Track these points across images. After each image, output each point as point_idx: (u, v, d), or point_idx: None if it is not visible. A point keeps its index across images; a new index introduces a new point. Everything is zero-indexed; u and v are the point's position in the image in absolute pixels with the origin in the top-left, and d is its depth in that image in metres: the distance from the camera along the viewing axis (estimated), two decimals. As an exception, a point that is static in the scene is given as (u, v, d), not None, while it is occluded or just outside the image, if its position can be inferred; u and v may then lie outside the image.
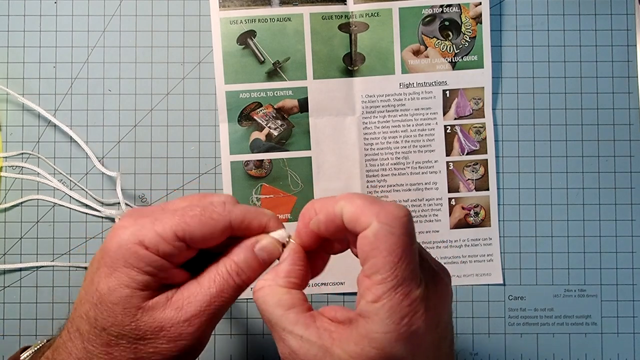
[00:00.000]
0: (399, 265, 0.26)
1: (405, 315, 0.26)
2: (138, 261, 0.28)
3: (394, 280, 0.26)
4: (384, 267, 0.26)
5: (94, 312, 0.29)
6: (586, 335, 0.49)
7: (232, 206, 0.31)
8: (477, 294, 0.49)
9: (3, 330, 0.48)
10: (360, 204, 0.27)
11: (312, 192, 0.49)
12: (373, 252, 0.26)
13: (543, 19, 0.50)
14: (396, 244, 0.26)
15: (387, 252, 0.26)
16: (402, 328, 0.26)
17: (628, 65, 0.50)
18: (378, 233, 0.26)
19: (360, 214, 0.27)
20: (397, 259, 0.26)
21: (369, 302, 0.26)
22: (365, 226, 0.27)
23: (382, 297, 0.26)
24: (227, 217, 0.30)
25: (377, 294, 0.26)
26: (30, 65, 0.49)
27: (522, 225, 0.50)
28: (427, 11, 0.50)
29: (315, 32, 0.49)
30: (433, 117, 0.50)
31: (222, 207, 0.30)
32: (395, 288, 0.26)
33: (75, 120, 0.49)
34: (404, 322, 0.26)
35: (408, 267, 0.26)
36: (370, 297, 0.26)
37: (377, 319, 0.26)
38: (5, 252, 0.49)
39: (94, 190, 0.49)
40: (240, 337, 0.49)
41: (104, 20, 0.50)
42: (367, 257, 0.27)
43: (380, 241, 0.26)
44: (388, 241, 0.26)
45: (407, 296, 0.26)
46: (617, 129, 0.50)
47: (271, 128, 0.50)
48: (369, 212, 0.27)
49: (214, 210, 0.30)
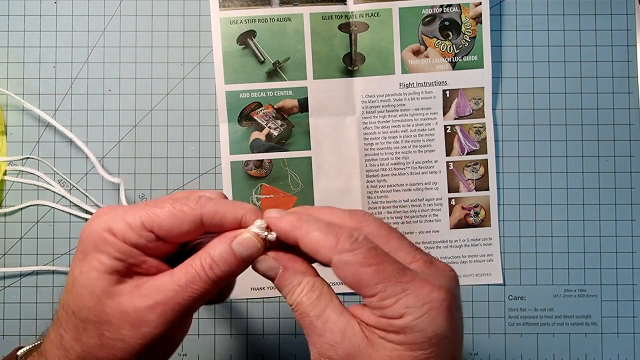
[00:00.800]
0: (382, 267, 0.27)
1: (427, 295, 0.27)
2: (106, 246, 0.29)
3: (393, 276, 0.27)
4: (372, 278, 0.27)
5: (65, 297, 0.30)
6: (586, 335, 0.49)
7: (207, 200, 0.30)
8: (477, 294, 0.49)
9: (3, 330, 0.48)
10: (317, 239, 0.28)
11: (312, 192, 0.49)
12: (355, 276, 0.27)
13: (543, 19, 0.50)
14: (364, 257, 0.27)
15: (364, 267, 0.27)
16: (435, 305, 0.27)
17: (628, 65, 0.50)
18: (344, 261, 0.28)
19: (319, 249, 0.28)
20: (376, 264, 0.27)
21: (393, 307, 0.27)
22: (327, 259, 0.28)
23: (397, 295, 0.27)
24: (198, 211, 0.29)
25: (391, 296, 0.27)
26: (30, 65, 0.49)
27: (522, 225, 0.50)
28: (427, 11, 0.50)
29: (315, 32, 0.49)
30: (433, 117, 0.50)
31: (195, 201, 0.30)
32: (400, 280, 0.27)
33: (75, 121, 0.49)
34: (431, 296, 0.27)
35: (392, 263, 0.28)
36: (390, 303, 0.27)
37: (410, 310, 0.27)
38: (5, 252, 0.49)
39: (94, 190, 0.49)
40: (240, 337, 0.49)
41: (104, 20, 0.50)
42: (355, 283, 0.28)
43: (352, 264, 0.27)
44: (357, 261, 0.27)
45: (415, 282, 0.27)
46: (617, 129, 0.50)
47: (271, 128, 0.50)
48: (326, 247, 0.28)
49: (186, 203, 0.29)
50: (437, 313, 0.27)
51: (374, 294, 0.27)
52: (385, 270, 0.27)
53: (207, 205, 0.29)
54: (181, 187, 0.49)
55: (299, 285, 0.29)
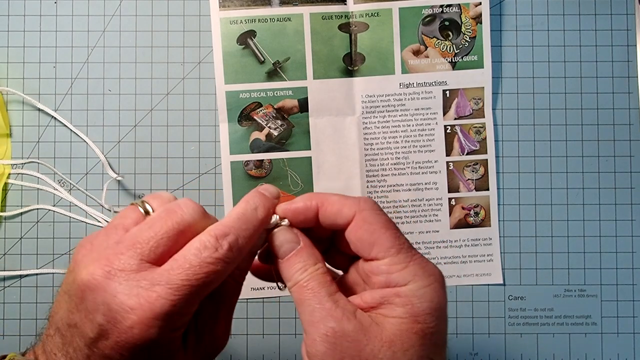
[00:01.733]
0: (399, 234, 0.28)
1: (433, 268, 0.28)
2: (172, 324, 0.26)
3: (404, 245, 0.28)
4: (391, 240, 0.28)
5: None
6: (586, 335, 0.49)
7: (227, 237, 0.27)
8: (477, 294, 0.49)
9: (3, 330, 0.48)
10: (339, 199, 0.30)
11: (312, 192, 0.49)
12: (373, 235, 0.28)
13: (543, 19, 0.50)
14: (386, 220, 0.29)
15: (385, 228, 0.28)
16: (439, 277, 0.28)
17: (628, 65, 0.50)
18: (367, 217, 0.28)
19: (342, 207, 0.29)
20: (395, 230, 0.28)
21: (401, 272, 0.27)
22: (349, 217, 0.29)
23: (407, 262, 0.28)
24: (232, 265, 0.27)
25: (402, 261, 0.28)
26: (30, 65, 0.49)
27: (522, 225, 0.50)
28: (427, 11, 0.50)
29: (315, 32, 0.49)
30: (433, 117, 0.50)
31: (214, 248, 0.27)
32: (411, 250, 0.28)
33: (75, 120, 0.49)
34: (434, 270, 0.28)
35: (404, 236, 0.29)
36: (399, 268, 0.27)
37: (417, 277, 0.27)
38: (5, 253, 0.49)
39: (94, 190, 0.49)
40: (240, 337, 0.49)
41: (104, 20, 0.50)
42: (369, 242, 0.28)
43: (374, 223, 0.28)
44: (380, 220, 0.29)
45: (422, 257, 0.28)
46: (617, 129, 0.50)
47: (271, 128, 0.50)
48: (350, 205, 0.29)
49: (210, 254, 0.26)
50: (439, 286, 0.28)
51: (384, 256, 0.28)
52: (400, 237, 0.28)
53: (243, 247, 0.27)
54: (181, 187, 0.49)
55: (314, 265, 0.29)
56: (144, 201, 0.30)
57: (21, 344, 0.48)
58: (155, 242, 0.27)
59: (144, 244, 0.27)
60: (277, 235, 0.30)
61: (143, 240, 0.27)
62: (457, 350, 0.49)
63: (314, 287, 0.28)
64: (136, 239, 0.27)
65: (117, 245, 0.27)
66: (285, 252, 0.29)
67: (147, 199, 0.30)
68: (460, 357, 0.49)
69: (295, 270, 0.29)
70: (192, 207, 0.28)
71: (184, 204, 0.29)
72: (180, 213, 0.28)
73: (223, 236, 0.27)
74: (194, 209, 0.28)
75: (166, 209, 0.28)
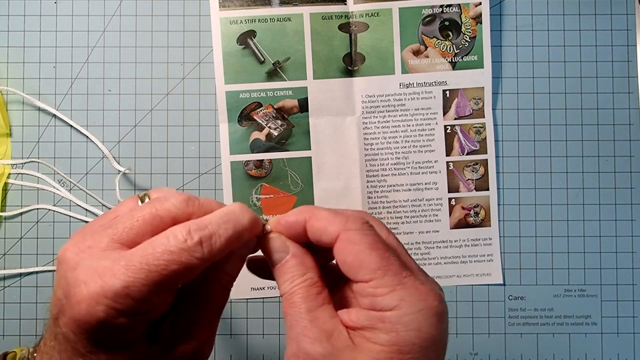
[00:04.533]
0: (387, 255, 0.27)
1: (424, 293, 0.26)
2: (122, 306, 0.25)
3: (392, 266, 0.26)
4: (377, 262, 0.26)
5: None
6: (586, 335, 0.49)
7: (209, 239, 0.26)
8: (477, 294, 0.49)
9: (3, 330, 0.48)
10: (326, 216, 0.28)
11: (312, 192, 0.49)
12: (358, 256, 0.27)
13: (543, 19, 0.50)
14: (373, 240, 0.27)
15: (370, 249, 0.27)
16: (432, 304, 0.26)
17: (628, 65, 0.50)
18: (352, 239, 0.27)
19: (328, 225, 0.27)
20: (383, 251, 0.27)
21: (386, 296, 0.26)
22: (333, 236, 0.27)
23: (393, 286, 0.26)
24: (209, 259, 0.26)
25: (387, 285, 0.26)
26: (30, 65, 0.49)
27: (522, 225, 0.50)
28: (427, 11, 0.50)
29: (315, 32, 0.49)
30: (433, 117, 0.50)
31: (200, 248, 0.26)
32: (400, 273, 0.26)
33: (75, 120, 0.49)
34: (429, 299, 0.26)
35: (395, 256, 0.27)
36: (384, 292, 0.26)
37: (403, 303, 0.26)
38: (5, 253, 0.49)
39: (94, 190, 0.49)
40: (240, 337, 0.49)
41: (104, 20, 0.50)
42: (355, 264, 0.27)
43: (359, 244, 0.27)
44: (366, 241, 0.27)
45: (413, 280, 0.26)
46: (617, 129, 0.50)
47: (271, 128, 0.50)
48: (336, 223, 0.27)
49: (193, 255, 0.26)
50: (431, 314, 0.26)
51: (371, 279, 0.26)
52: (388, 259, 0.27)
53: (215, 248, 0.27)
54: (181, 187, 0.49)
55: (302, 277, 0.28)
56: (146, 194, 0.30)
57: (21, 344, 0.48)
58: (129, 223, 0.27)
59: (119, 224, 0.27)
60: (268, 244, 0.29)
61: (120, 222, 0.27)
62: (457, 350, 0.49)
63: (296, 301, 0.27)
64: (116, 222, 0.27)
65: (99, 228, 0.27)
66: (275, 262, 0.29)
67: (150, 192, 0.30)
68: (460, 357, 0.49)
69: (283, 281, 0.28)
70: (175, 196, 0.28)
71: (169, 193, 0.29)
72: (163, 201, 0.28)
73: (197, 229, 0.26)
74: (176, 199, 0.28)
75: (153, 199, 0.29)
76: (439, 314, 0.26)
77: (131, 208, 0.29)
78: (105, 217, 0.29)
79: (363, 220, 0.28)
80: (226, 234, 0.27)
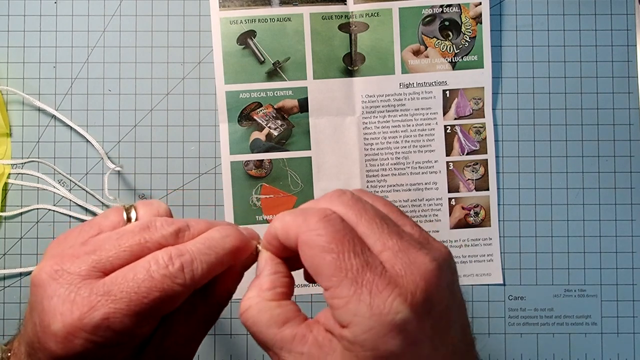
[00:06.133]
0: (343, 258, 0.23)
1: (381, 303, 0.22)
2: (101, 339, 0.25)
3: (350, 271, 0.23)
4: (330, 268, 0.23)
5: None
6: (586, 335, 0.49)
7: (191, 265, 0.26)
8: (477, 294, 0.49)
9: (3, 330, 0.48)
10: (288, 221, 0.26)
11: (312, 192, 0.49)
12: (314, 261, 0.24)
13: (543, 19, 0.50)
14: (327, 242, 0.24)
15: (324, 252, 0.24)
16: (386, 317, 0.22)
17: (628, 65, 0.50)
18: (307, 241, 0.24)
19: (288, 230, 0.25)
20: (338, 254, 0.24)
21: (341, 309, 0.23)
22: (295, 241, 0.25)
23: (348, 297, 0.23)
24: (192, 287, 0.25)
25: (342, 296, 0.23)
26: (30, 65, 0.49)
27: (522, 225, 0.50)
28: (427, 11, 0.50)
29: (315, 32, 0.49)
30: (433, 117, 0.50)
31: (182, 274, 0.25)
32: (356, 280, 0.23)
33: (75, 120, 0.49)
34: (385, 311, 0.22)
35: (357, 256, 0.24)
36: (340, 304, 0.23)
37: (357, 320, 0.23)
38: (5, 253, 0.49)
39: (94, 190, 0.49)
40: (240, 337, 0.49)
41: (104, 20, 0.50)
42: (313, 269, 0.24)
43: (313, 247, 0.24)
44: (319, 243, 0.24)
45: (374, 284, 0.23)
46: (617, 129, 0.50)
47: (271, 128, 0.50)
48: (294, 227, 0.25)
49: (175, 282, 0.25)
50: (387, 329, 0.22)
51: (327, 287, 0.24)
52: (344, 261, 0.23)
53: (196, 275, 0.26)
54: (181, 187, 0.49)
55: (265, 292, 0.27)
56: (132, 207, 0.29)
57: (21, 344, 0.48)
58: (115, 253, 0.26)
59: (103, 252, 0.26)
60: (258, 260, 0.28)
61: (105, 249, 0.26)
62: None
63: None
64: (99, 245, 0.26)
65: (80, 246, 0.26)
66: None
67: (137, 205, 0.29)
68: (460, 357, 0.49)
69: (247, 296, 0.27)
70: (164, 226, 0.27)
71: (161, 224, 0.27)
72: (153, 231, 0.27)
73: (178, 255, 0.26)
74: (167, 230, 0.27)
75: (142, 223, 0.27)
76: (399, 325, 0.22)
77: (115, 224, 0.28)
78: (86, 231, 0.27)
79: (322, 214, 0.25)
80: (208, 259, 0.26)
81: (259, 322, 0.25)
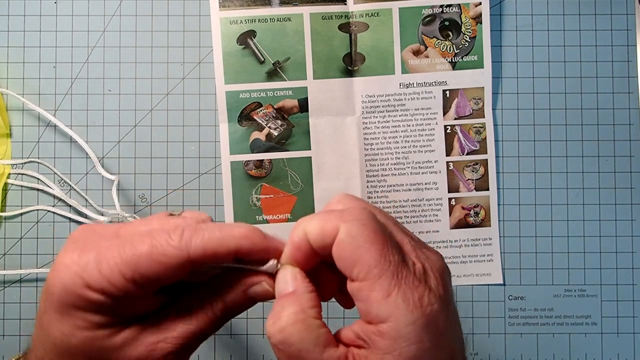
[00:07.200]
0: (386, 251, 0.24)
1: (419, 297, 0.23)
2: (89, 304, 0.25)
3: (391, 264, 0.24)
4: (374, 259, 0.24)
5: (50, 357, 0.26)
6: (586, 335, 0.49)
7: (192, 233, 0.25)
8: (477, 294, 0.49)
9: (3, 330, 0.48)
10: (321, 217, 0.25)
11: (312, 192, 0.49)
12: (356, 251, 0.24)
13: (543, 19, 0.50)
14: (373, 232, 0.24)
15: (369, 244, 0.24)
16: (427, 309, 0.23)
17: (628, 65, 0.50)
18: (351, 231, 0.24)
19: (325, 223, 0.25)
20: (383, 245, 0.24)
21: (381, 302, 0.23)
22: (334, 233, 0.25)
23: (389, 290, 0.23)
24: (184, 252, 0.25)
25: (384, 289, 0.23)
26: (30, 65, 0.49)
27: (522, 225, 0.50)
28: (427, 11, 0.50)
29: (315, 32, 0.49)
30: (433, 117, 0.50)
31: (178, 237, 0.25)
32: (397, 274, 0.24)
33: (75, 120, 0.49)
34: (424, 304, 0.23)
35: (396, 251, 0.25)
36: (379, 297, 0.23)
37: (398, 312, 0.23)
38: (5, 253, 0.49)
39: (94, 190, 0.49)
40: (240, 337, 0.49)
41: (104, 20, 0.50)
42: (352, 260, 0.24)
43: (358, 237, 0.24)
44: (364, 234, 0.24)
45: (410, 279, 0.24)
46: (617, 129, 0.50)
47: (271, 128, 0.50)
48: (333, 219, 0.25)
49: (169, 243, 0.25)
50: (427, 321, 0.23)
51: (365, 278, 0.24)
52: (387, 254, 0.24)
53: (194, 243, 0.25)
54: (181, 187, 0.49)
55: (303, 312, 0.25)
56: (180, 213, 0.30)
57: (21, 344, 0.48)
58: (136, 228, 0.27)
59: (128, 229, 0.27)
60: (276, 278, 0.27)
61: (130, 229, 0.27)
62: (457, 350, 0.49)
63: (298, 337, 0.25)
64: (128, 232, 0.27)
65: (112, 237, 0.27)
66: (278, 293, 0.27)
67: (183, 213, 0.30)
68: (460, 357, 0.49)
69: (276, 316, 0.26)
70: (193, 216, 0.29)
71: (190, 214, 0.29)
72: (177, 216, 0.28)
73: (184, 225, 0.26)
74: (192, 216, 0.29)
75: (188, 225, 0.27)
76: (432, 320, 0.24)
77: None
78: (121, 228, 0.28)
79: (363, 210, 0.25)
80: (210, 235, 0.26)
81: (306, 341, 0.24)
